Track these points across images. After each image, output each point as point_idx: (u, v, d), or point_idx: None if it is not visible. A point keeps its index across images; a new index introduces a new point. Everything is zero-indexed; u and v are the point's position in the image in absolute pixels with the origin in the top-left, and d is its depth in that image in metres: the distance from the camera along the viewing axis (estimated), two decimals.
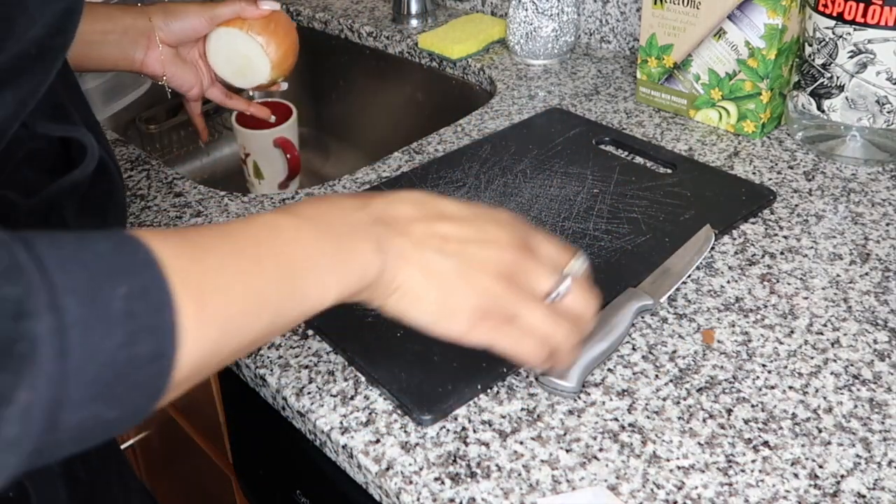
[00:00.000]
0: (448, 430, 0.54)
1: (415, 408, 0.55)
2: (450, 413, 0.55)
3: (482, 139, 0.88)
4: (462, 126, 0.93)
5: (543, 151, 0.85)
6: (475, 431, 0.54)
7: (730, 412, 0.55)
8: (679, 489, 0.50)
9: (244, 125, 1.07)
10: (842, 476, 0.50)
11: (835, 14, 0.77)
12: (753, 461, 0.51)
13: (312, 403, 0.57)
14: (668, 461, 0.52)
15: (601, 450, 0.53)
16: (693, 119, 0.92)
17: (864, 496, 0.49)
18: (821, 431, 0.53)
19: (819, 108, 0.82)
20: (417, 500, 0.50)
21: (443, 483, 0.51)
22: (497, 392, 0.57)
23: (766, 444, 0.53)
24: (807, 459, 0.52)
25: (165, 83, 0.88)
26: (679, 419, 0.54)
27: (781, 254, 0.70)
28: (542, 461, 0.52)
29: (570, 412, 0.55)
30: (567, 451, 0.53)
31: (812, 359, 0.59)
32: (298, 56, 0.91)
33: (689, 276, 0.67)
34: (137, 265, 0.36)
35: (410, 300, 0.47)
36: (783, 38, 0.83)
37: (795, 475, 0.51)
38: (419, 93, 1.19)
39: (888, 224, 0.73)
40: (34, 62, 0.46)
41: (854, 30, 0.76)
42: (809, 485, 0.50)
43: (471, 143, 0.87)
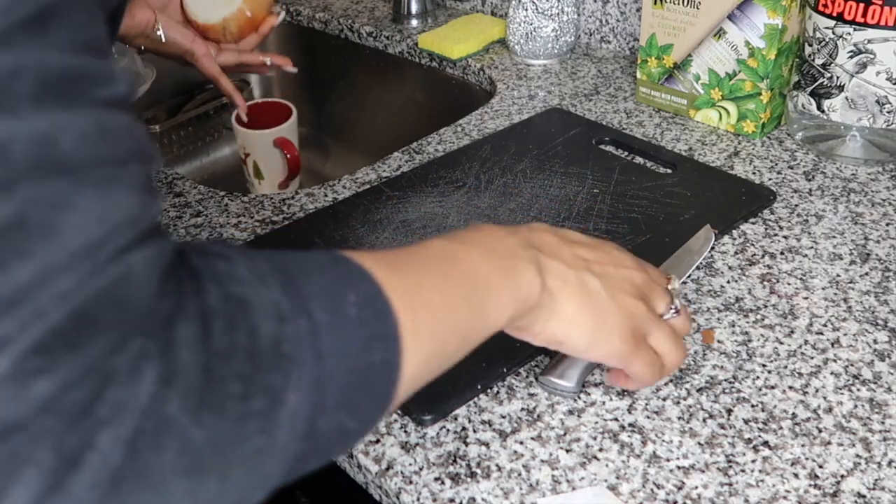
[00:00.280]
0: (448, 430, 0.54)
1: (415, 408, 0.55)
2: (450, 413, 0.55)
3: (482, 139, 0.88)
4: (462, 126, 0.93)
5: (543, 151, 0.85)
6: (475, 431, 0.54)
7: (730, 412, 0.55)
8: (679, 489, 0.50)
9: (244, 125, 1.07)
10: (842, 476, 0.50)
11: (835, 14, 0.77)
12: (753, 461, 0.51)
13: None
14: (668, 461, 0.52)
15: (601, 450, 0.53)
16: (693, 119, 0.92)
17: (864, 496, 0.49)
18: (821, 431, 0.53)
19: (819, 108, 0.82)
20: (417, 500, 0.50)
21: (443, 483, 0.51)
22: (497, 392, 0.57)
23: (766, 444, 0.53)
24: (807, 459, 0.51)
25: (161, 35, 0.88)
26: (679, 419, 0.54)
27: (781, 254, 0.70)
28: (542, 461, 0.52)
29: (570, 412, 0.55)
30: (567, 451, 0.53)
31: (812, 359, 0.59)
32: (298, 56, 0.91)
33: (689, 277, 0.67)
34: (356, 275, 0.37)
35: (570, 322, 0.47)
36: (783, 38, 0.83)
37: (795, 475, 0.51)
38: (419, 93, 1.19)
39: (888, 224, 0.73)
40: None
41: (854, 30, 0.76)
42: (809, 485, 0.50)
43: (471, 143, 0.87)
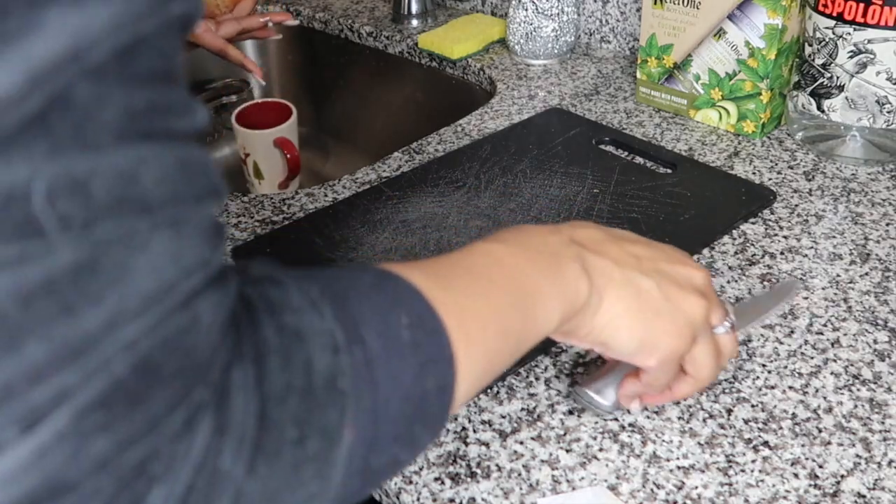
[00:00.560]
0: (448, 430, 0.54)
1: None
2: None
3: (482, 139, 0.88)
4: (462, 126, 0.93)
5: (543, 151, 0.85)
6: (475, 431, 0.54)
7: (730, 412, 0.55)
8: (679, 489, 0.50)
9: (244, 125, 1.07)
10: (842, 476, 0.50)
11: (835, 14, 0.77)
12: (753, 461, 0.51)
13: None
14: (668, 461, 0.52)
15: (601, 450, 0.53)
16: (693, 119, 0.92)
17: (864, 496, 0.49)
18: (821, 431, 0.53)
19: (819, 108, 0.82)
20: (417, 500, 0.50)
21: (443, 483, 0.51)
22: (497, 392, 0.57)
23: (766, 444, 0.53)
24: (807, 459, 0.51)
25: None
26: (679, 419, 0.54)
27: (781, 254, 0.70)
28: (542, 461, 0.52)
29: (570, 412, 0.55)
30: (567, 451, 0.53)
31: (812, 359, 0.59)
32: (298, 56, 0.91)
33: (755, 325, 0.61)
34: (406, 294, 0.35)
35: (617, 323, 0.44)
36: (783, 38, 0.83)
37: (795, 475, 0.51)
38: (419, 93, 1.19)
39: (888, 224, 0.73)
40: None
41: (854, 30, 0.76)
42: (809, 485, 0.50)
43: (471, 143, 0.87)
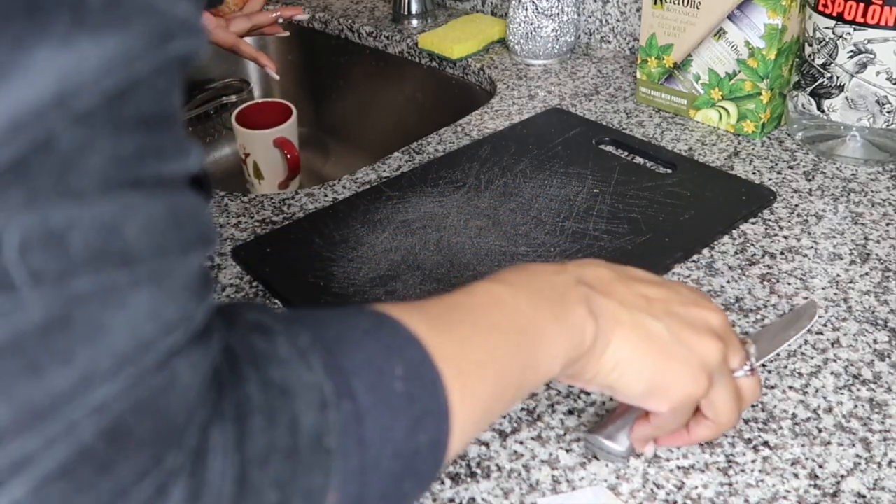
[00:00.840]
0: None
1: None
2: None
3: (482, 139, 0.88)
4: (462, 126, 0.93)
5: (543, 151, 0.85)
6: None
7: None
8: (679, 489, 0.50)
9: (244, 125, 1.07)
10: (842, 476, 0.50)
11: (835, 14, 0.77)
12: (753, 461, 0.51)
13: None
14: (668, 461, 0.52)
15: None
16: (693, 119, 0.92)
17: (864, 496, 0.49)
18: (821, 431, 0.53)
19: (819, 108, 0.82)
20: (417, 500, 0.50)
21: (443, 483, 0.51)
22: None
23: (766, 444, 0.53)
24: (807, 459, 0.51)
25: None
26: None
27: (781, 254, 0.70)
28: (542, 461, 0.52)
29: (570, 412, 0.55)
30: (567, 451, 0.52)
31: (812, 359, 0.59)
32: (298, 56, 0.91)
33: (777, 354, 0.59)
34: (402, 342, 0.33)
35: (625, 369, 0.42)
36: (783, 38, 0.83)
37: (795, 475, 0.51)
38: (419, 93, 1.19)
39: (888, 224, 0.73)
40: None
41: (854, 30, 0.76)
42: (809, 485, 0.50)
43: (471, 143, 0.87)
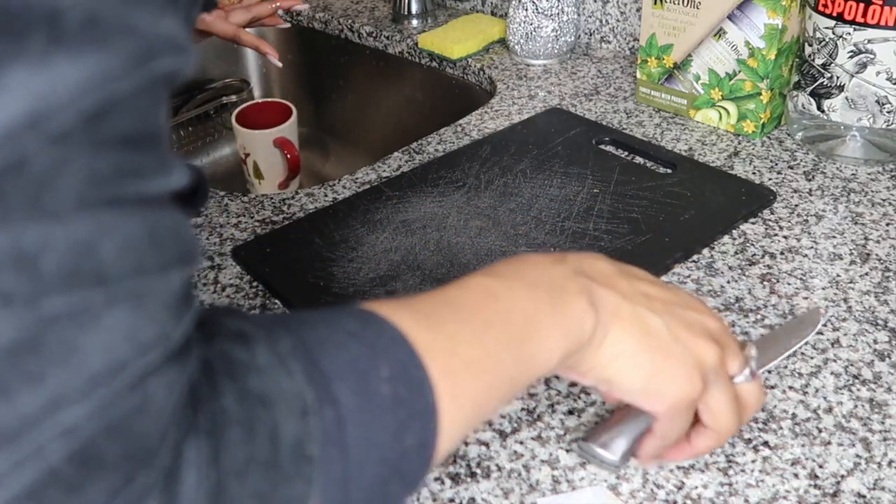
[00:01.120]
0: None
1: None
2: None
3: (482, 139, 0.88)
4: (462, 126, 0.93)
5: (543, 151, 0.85)
6: (475, 431, 0.54)
7: None
8: (679, 489, 0.50)
9: (244, 125, 1.07)
10: (842, 476, 0.50)
11: (835, 14, 0.77)
12: (753, 461, 0.51)
13: None
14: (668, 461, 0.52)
15: None
16: (693, 119, 0.92)
17: (864, 496, 0.49)
18: (821, 431, 0.53)
19: (819, 108, 0.82)
20: (417, 500, 0.50)
21: (443, 483, 0.51)
22: None
23: (766, 444, 0.53)
24: (807, 459, 0.51)
25: None
26: None
27: (781, 254, 0.70)
28: (542, 461, 0.52)
29: (570, 412, 0.55)
30: (567, 451, 0.52)
31: (812, 359, 0.59)
32: (298, 56, 0.91)
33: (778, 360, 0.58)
34: (389, 342, 0.33)
35: (624, 360, 0.42)
36: (783, 38, 0.83)
37: (795, 475, 0.51)
38: (419, 93, 1.19)
39: (888, 224, 0.73)
40: None
41: (854, 30, 0.76)
42: (809, 485, 0.50)
43: (471, 143, 0.87)
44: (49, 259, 0.24)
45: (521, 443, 0.53)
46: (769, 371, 0.58)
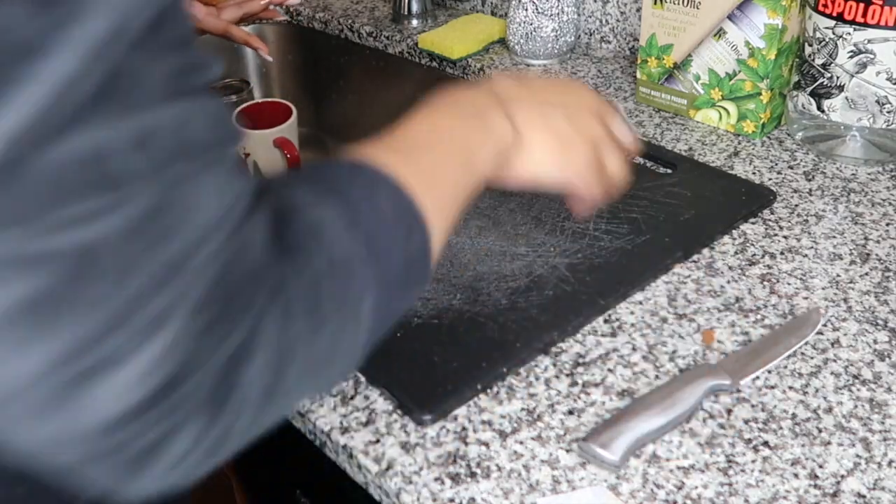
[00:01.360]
0: (448, 430, 0.54)
1: (415, 408, 0.55)
2: (450, 413, 0.55)
3: None
4: None
5: None
6: (475, 431, 0.54)
7: (730, 412, 0.55)
8: (679, 489, 0.50)
9: (244, 125, 1.07)
10: (842, 476, 0.50)
11: (835, 14, 0.77)
12: (753, 461, 0.51)
13: (312, 403, 0.57)
14: (668, 461, 0.52)
15: None
16: (693, 119, 0.92)
17: (864, 496, 0.49)
18: (821, 431, 0.53)
19: (819, 108, 0.82)
20: (417, 500, 0.50)
21: (443, 483, 0.51)
22: (497, 392, 0.57)
23: (766, 444, 0.53)
24: (807, 459, 0.51)
25: None
26: None
27: (781, 254, 0.70)
28: (542, 461, 0.52)
29: (570, 412, 0.55)
30: (567, 451, 0.52)
31: (812, 359, 0.59)
32: (298, 56, 0.91)
33: (775, 361, 0.59)
34: (378, 176, 0.42)
35: (541, 156, 0.53)
36: (783, 38, 0.83)
37: (795, 475, 0.51)
38: (419, 93, 1.19)
39: (888, 224, 0.73)
40: None
41: (854, 30, 0.76)
42: (809, 485, 0.50)
43: None
44: (162, 137, 0.30)
45: (521, 443, 0.53)
46: (769, 371, 0.58)
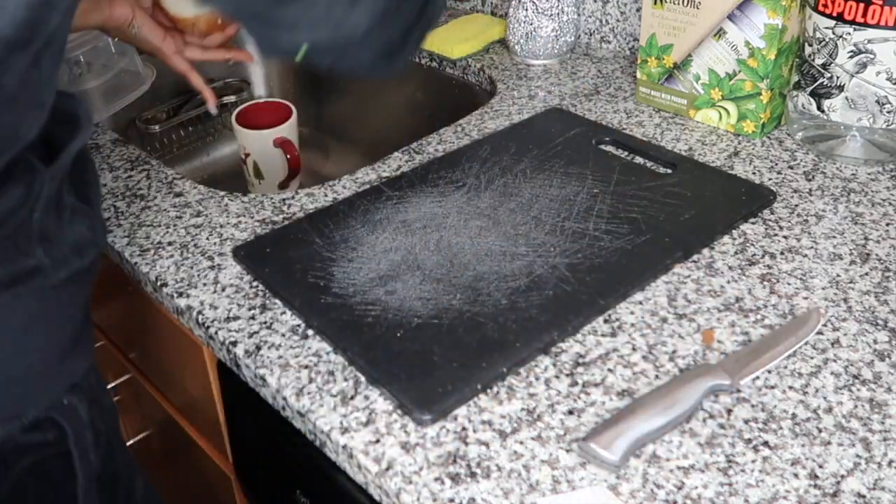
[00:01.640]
0: (448, 430, 0.54)
1: (415, 408, 0.55)
2: (450, 413, 0.55)
3: (482, 139, 0.88)
4: (462, 126, 0.93)
5: (543, 151, 0.85)
6: (475, 431, 0.54)
7: (730, 412, 0.55)
8: (679, 489, 0.50)
9: (244, 125, 1.07)
10: (842, 476, 0.50)
11: (835, 14, 0.77)
12: (753, 461, 0.51)
13: (312, 403, 0.57)
14: (668, 461, 0.52)
15: None
16: (693, 119, 0.92)
17: (864, 496, 0.49)
18: (821, 431, 0.53)
19: (819, 108, 0.82)
20: (417, 500, 0.50)
21: (443, 483, 0.51)
22: (497, 392, 0.57)
23: (766, 444, 0.53)
24: (807, 459, 0.52)
25: (136, 30, 0.88)
26: None
27: (781, 254, 0.70)
28: (542, 461, 0.52)
29: (570, 412, 0.55)
30: (567, 451, 0.53)
31: (812, 359, 0.59)
32: None
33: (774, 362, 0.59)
34: None
35: None
36: (783, 38, 0.83)
37: (795, 475, 0.51)
38: (419, 93, 1.19)
39: (888, 224, 0.73)
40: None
41: (854, 30, 0.76)
42: (809, 485, 0.50)
43: (471, 143, 0.87)
44: None
45: (521, 443, 0.53)
46: (769, 371, 0.58)
